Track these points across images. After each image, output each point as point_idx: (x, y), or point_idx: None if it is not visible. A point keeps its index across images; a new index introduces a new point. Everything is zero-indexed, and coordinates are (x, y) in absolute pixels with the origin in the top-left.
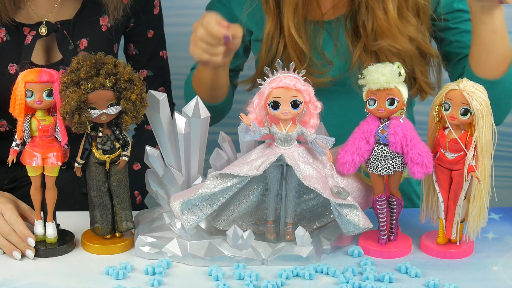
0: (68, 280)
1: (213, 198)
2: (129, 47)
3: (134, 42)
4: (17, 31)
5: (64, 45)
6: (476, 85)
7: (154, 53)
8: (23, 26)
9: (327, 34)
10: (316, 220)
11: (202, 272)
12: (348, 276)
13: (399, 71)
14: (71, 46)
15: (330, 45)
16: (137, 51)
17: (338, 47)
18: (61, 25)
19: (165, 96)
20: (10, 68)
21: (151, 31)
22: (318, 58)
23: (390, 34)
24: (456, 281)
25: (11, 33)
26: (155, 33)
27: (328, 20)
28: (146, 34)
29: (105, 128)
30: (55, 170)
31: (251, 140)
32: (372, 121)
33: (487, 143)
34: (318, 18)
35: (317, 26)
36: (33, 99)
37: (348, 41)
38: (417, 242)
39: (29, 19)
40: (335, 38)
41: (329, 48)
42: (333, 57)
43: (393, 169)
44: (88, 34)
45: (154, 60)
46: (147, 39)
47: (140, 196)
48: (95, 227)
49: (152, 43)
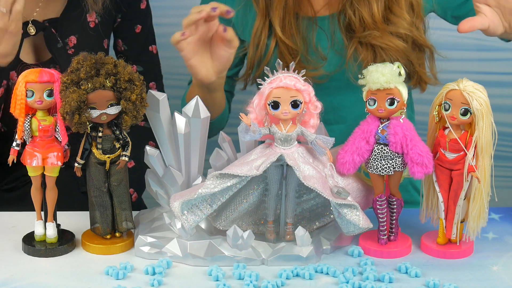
0: (68, 280)
1: (213, 198)
2: (118, 43)
3: (122, 38)
4: None
5: (52, 43)
6: (476, 85)
7: (143, 48)
8: None
9: (320, 30)
10: (316, 220)
11: (202, 272)
12: (348, 276)
13: (399, 71)
14: (59, 44)
15: (324, 41)
16: (125, 47)
17: (334, 42)
18: (48, 24)
19: (165, 96)
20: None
21: (138, 26)
22: (312, 54)
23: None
24: (456, 281)
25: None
26: (143, 28)
27: (321, 17)
28: (134, 29)
29: (105, 128)
30: (55, 170)
31: (251, 140)
32: (372, 121)
33: (487, 143)
34: (311, 15)
35: (310, 22)
36: (34, 99)
37: (342, 35)
38: (417, 242)
39: None
40: (331, 34)
41: (323, 43)
42: (327, 52)
43: (393, 169)
44: (76, 31)
45: (143, 56)
46: (135, 35)
47: (135, 193)
48: (95, 227)
49: (140, 38)
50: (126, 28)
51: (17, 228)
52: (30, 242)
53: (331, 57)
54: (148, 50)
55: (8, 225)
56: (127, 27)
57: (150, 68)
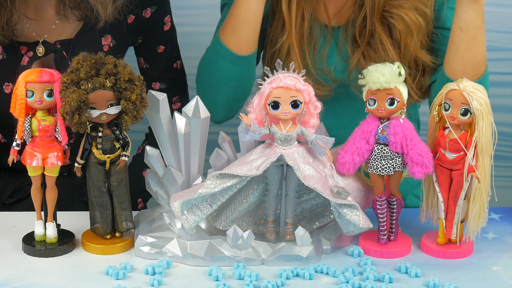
0: (68, 280)
1: (213, 198)
2: (140, 61)
3: (144, 57)
4: (14, 49)
5: (62, 66)
6: (476, 85)
7: (167, 67)
8: (20, 45)
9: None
10: (316, 220)
11: (202, 272)
12: (348, 276)
13: (399, 71)
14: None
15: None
16: (147, 65)
17: (341, 51)
18: (60, 45)
19: (165, 96)
20: (6, 87)
21: (161, 46)
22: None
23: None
24: (456, 281)
25: (7, 52)
26: (166, 48)
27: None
28: (156, 49)
29: (105, 128)
30: (55, 170)
31: (251, 140)
32: (372, 121)
33: (487, 143)
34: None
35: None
36: (34, 99)
37: (348, 46)
38: (417, 242)
39: (27, 38)
40: (340, 44)
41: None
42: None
43: (393, 169)
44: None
45: (167, 73)
46: (157, 54)
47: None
48: (95, 227)
49: (163, 57)
50: (147, 49)
51: (17, 228)
52: (30, 242)
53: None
54: (172, 67)
55: (8, 225)
56: (148, 48)
57: (174, 84)
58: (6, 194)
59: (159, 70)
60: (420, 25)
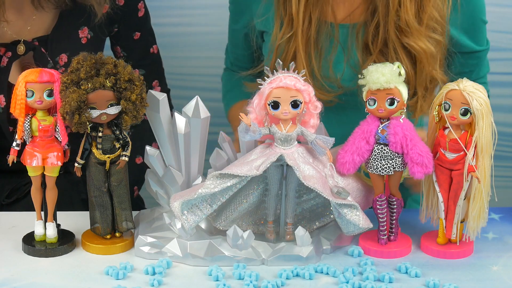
0: (68, 280)
1: (213, 198)
2: (116, 50)
3: (121, 46)
4: None
5: (42, 63)
6: (476, 85)
7: (144, 52)
8: None
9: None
10: (316, 220)
11: (202, 272)
12: (348, 276)
13: (399, 71)
14: (50, 65)
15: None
16: (125, 53)
17: (350, 58)
18: (38, 42)
19: (165, 96)
20: None
21: (137, 33)
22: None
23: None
24: (456, 281)
25: None
26: (142, 34)
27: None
28: (132, 36)
29: (105, 128)
30: (55, 170)
31: (251, 140)
32: (372, 121)
33: (487, 143)
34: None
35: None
36: (34, 99)
37: (358, 53)
38: (417, 242)
39: (4, 39)
40: (348, 47)
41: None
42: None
43: (393, 169)
44: (67, 48)
45: (145, 59)
46: (133, 41)
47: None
48: (95, 227)
49: (140, 43)
50: (124, 37)
51: (17, 228)
52: (30, 242)
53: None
54: (149, 52)
55: (8, 225)
56: (125, 36)
57: (153, 69)
58: (4, 195)
59: (137, 57)
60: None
